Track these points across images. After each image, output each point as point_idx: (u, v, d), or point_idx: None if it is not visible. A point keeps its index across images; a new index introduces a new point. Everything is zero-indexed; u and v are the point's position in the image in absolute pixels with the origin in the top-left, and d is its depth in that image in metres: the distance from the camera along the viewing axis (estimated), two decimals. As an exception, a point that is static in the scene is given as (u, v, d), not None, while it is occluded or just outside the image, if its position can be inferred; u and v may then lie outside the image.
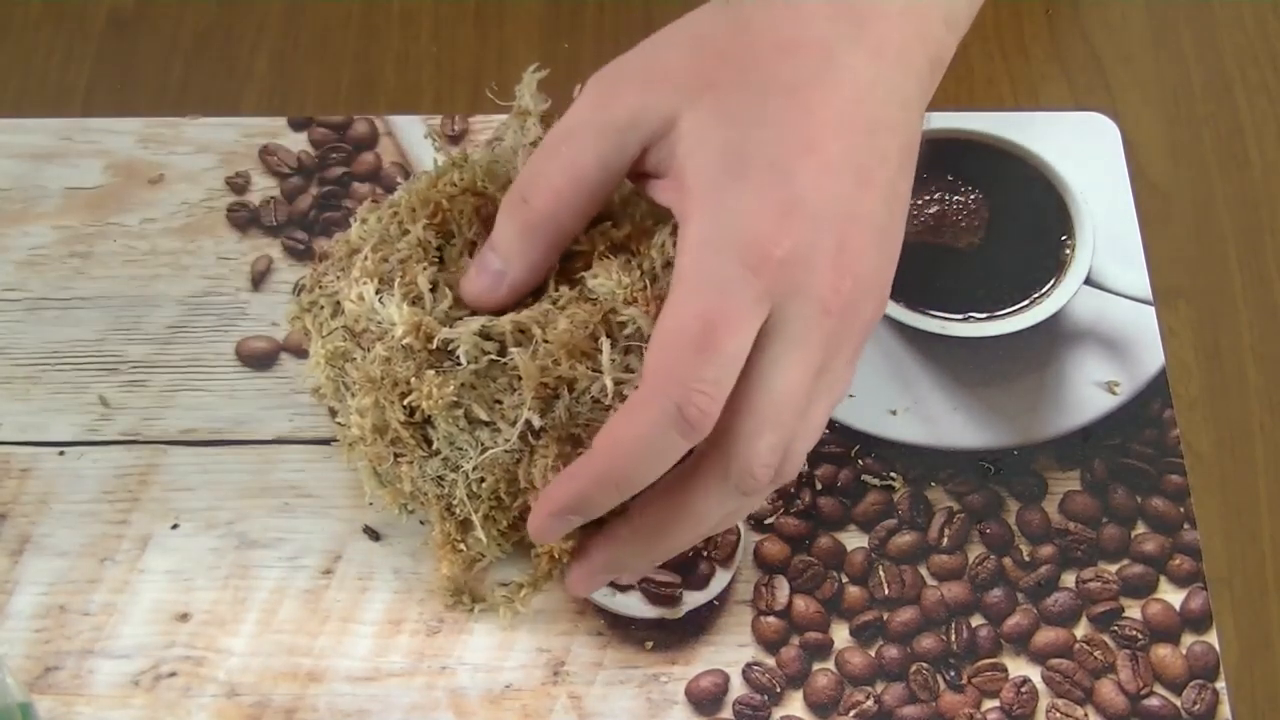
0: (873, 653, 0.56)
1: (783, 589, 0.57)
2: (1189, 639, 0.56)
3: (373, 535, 0.58)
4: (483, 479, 0.50)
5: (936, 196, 0.63)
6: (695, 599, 0.57)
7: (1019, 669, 0.56)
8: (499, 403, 0.49)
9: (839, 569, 0.58)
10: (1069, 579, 0.57)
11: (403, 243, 0.51)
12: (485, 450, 0.49)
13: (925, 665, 0.56)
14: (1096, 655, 0.56)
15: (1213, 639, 0.56)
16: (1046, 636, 0.56)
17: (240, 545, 0.58)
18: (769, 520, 0.58)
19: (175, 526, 0.58)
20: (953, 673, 0.56)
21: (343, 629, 0.56)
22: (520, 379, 0.48)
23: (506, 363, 0.49)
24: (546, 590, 0.56)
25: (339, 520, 0.58)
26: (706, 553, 0.57)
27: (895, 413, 0.61)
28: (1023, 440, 0.60)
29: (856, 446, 0.60)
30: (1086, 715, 0.55)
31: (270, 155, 0.67)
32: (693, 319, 0.44)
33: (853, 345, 0.47)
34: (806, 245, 0.45)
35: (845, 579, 0.58)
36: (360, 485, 0.55)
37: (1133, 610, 0.57)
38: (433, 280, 0.50)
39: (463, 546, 0.53)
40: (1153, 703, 0.55)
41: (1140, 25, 0.72)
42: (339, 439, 0.56)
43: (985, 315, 0.61)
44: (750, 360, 0.45)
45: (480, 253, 0.49)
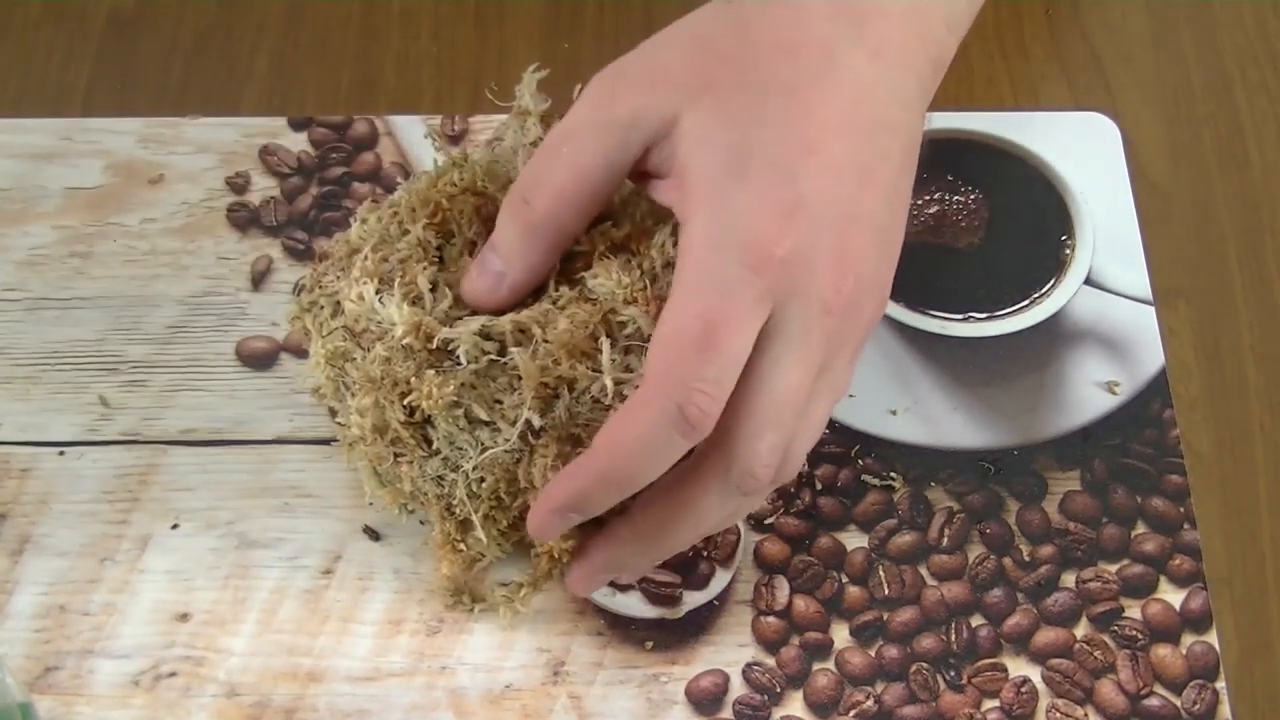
0: (873, 653, 0.56)
1: (783, 589, 0.57)
2: (1189, 639, 0.56)
3: (373, 535, 0.58)
4: (483, 479, 0.51)
5: (936, 196, 0.63)
6: (695, 599, 0.57)
7: (1019, 669, 0.56)
8: (499, 402, 0.49)
9: (839, 569, 0.58)
10: (1069, 579, 0.57)
11: (403, 243, 0.51)
12: (485, 450, 0.49)
13: (925, 665, 0.56)
14: (1096, 655, 0.56)
15: (1213, 639, 0.56)
16: (1046, 636, 0.56)
17: (240, 545, 0.58)
18: (769, 520, 0.58)
19: (175, 526, 0.58)
20: (953, 673, 0.56)
21: (343, 629, 0.56)
22: (520, 379, 0.48)
23: (506, 363, 0.49)
24: (546, 590, 0.56)
25: (339, 520, 0.58)
26: (706, 553, 0.57)
27: (895, 413, 0.61)
28: (1023, 440, 0.60)
29: (856, 446, 0.60)
30: (1086, 715, 0.55)
31: (270, 155, 0.67)
32: (694, 319, 0.44)
33: (853, 345, 0.47)
34: (808, 245, 0.45)
35: (845, 579, 0.58)
36: (360, 485, 0.55)
37: (1133, 610, 0.57)
38: (433, 280, 0.50)
39: (463, 546, 0.53)
40: (1153, 703, 0.55)
41: (1140, 25, 0.72)
42: (339, 439, 0.56)
43: (985, 315, 0.61)
44: (751, 360, 0.45)
45: (481, 253, 0.49)
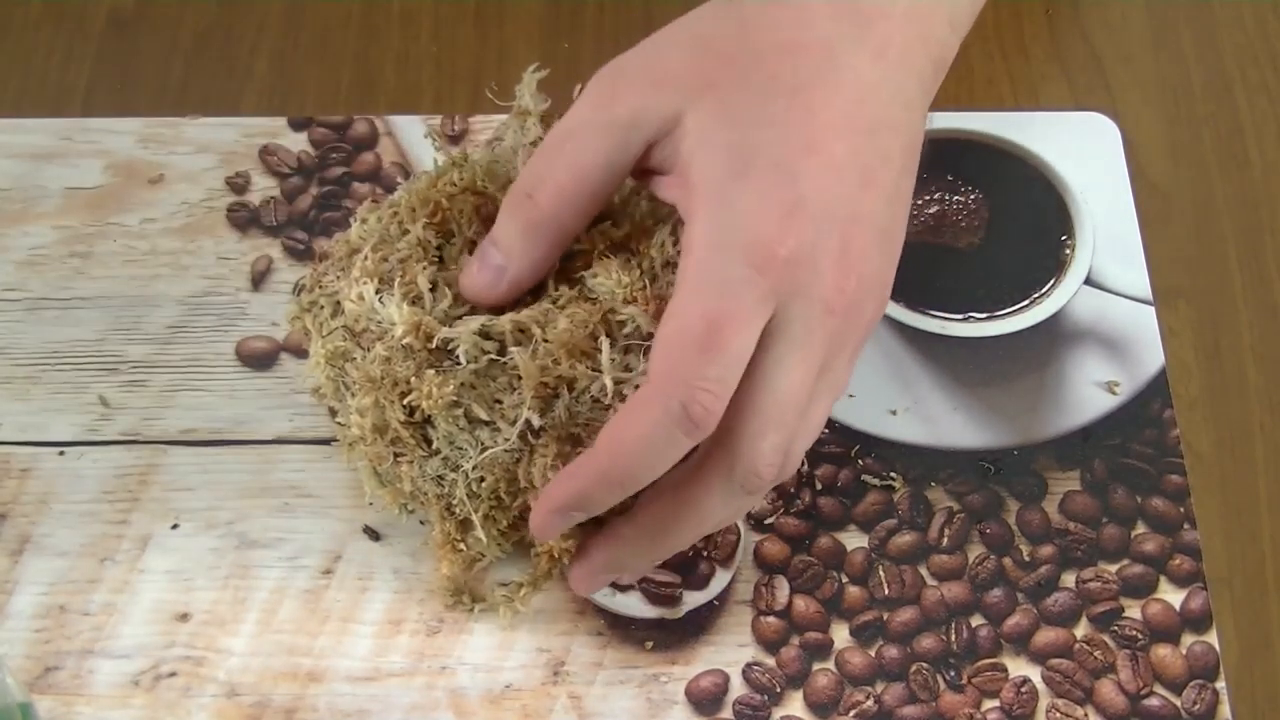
0: (873, 653, 0.56)
1: (783, 589, 0.57)
2: (1189, 639, 0.56)
3: (373, 535, 0.58)
4: (483, 478, 0.51)
5: (936, 196, 0.63)
6: (695, 599, 0.57)
7: (1019, 669, 0.56)
8: (499, 402, 0.49)
9: (839, 569, 0.58)
10: (1069, 579, 0.57)
11: (403, 242, 0.51)
12: (485, 450, 0.49)
13: (925, 665, 0.56)
14: (1096, 655, 0.56)
15: (1213, 639, 0.56)
16: (1046, 636, 0.56)
17: (240, 545, 0.58)
18: (769, 520, 0.58)
19: (175, 526, 0.58)
20: (953, 673, 0.56)
21: (343, 629, 0.56)
22: (520, 378, 0.48)
23: (506, 362, 0.49)
24: (546, 590, 0.56)
25: (339, 520, 0.58)
26: (706, 553, 0.57)
27: (895, 413, 0.61)
28: (1023, 440, 0.60)
29: (856, 446, 0.60)
30: (1086, 715, 0.55)
31: (270, 155, 0.67)
32: (697, 318, 0.44)
33: (854, 345, 0.47)
34: (811, 245, 0.45)
35: (845, 579, 0.58)
36: (360, 485, 0.55)
37: (1133, 610, 0.57)
38: (432, 280, 0.50)
39: (463, 546, 0.53)
40: (1153, 703, 0.55)
41: (1140, 25, 0.72)
42: (339, 439, 0.56)
43: (985, 315, 0.61)
44: (754, 360, 0.45)
45: (481, 248, 0.49)
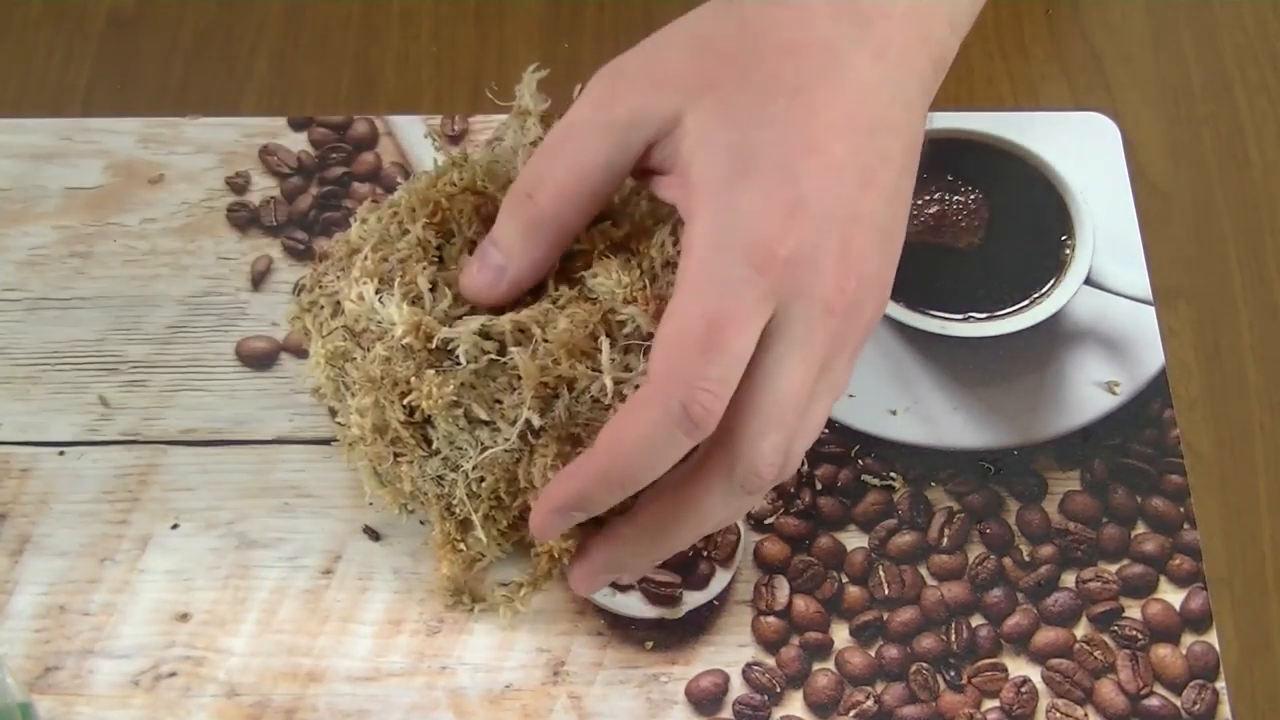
0: (873, 653, 0.56)
1: (783, 589, 0.57)
2: (1189, 639, 0.56)
3: (373, 535, 0.58)
4: (482, 478, 0.51)
5: (936, 196, 0.63)
6: (695, 599, 0.57)
7: (1019, 669, 0.56)
8: (499, 402, 0.49)
9: (839, 569, 0.58)
10: (1069, 579, 0.57)
11: (403, 242, 0.51)
12: (485, 450, 0.49)
13: (925, 665, 0.56)
14: (1096, 655, 0.56)
15: (1213, 639, 0.56)
16: (1046, 636, 0.56)
17: (240, 545, 0.58)
18: (769, 520, 0.58)
19: (175, 526, 0.58)
20: (953, 673, 0.56)
21: (343, 629, 0.56)
22: (520, 378, 0.48)
23: (506, 362, 0.49)
24: (546, 590, 0.56)
25: (339, 520, 0.58)
26: (706, 553, 0.57)
27: (895, 413, 0.61)
28: (1023, 440, 0.60)
29: (856, 446, 0.60)
30: (1086, 715, 0.55)
31: (270, 155, 0.67)
32: (698, 318, 0.44)
33: (854, 345, 0.47)
34: (811, 246, 0.45)
35: (845, 579, 0.58)
36: (360, 485, 0.55)
37: (1133, 610, 0.57)
38: (432, 280, 0.50)
39: (463, 546, 0.53)
40: (1153, 703, 0.55)
41: (1140, 25, 0.72)
42: (339, 439, 0.56)
43: (985, 315, 0.61)
44: (754, 360, 0.45)
45: (481, 248, 0.49)
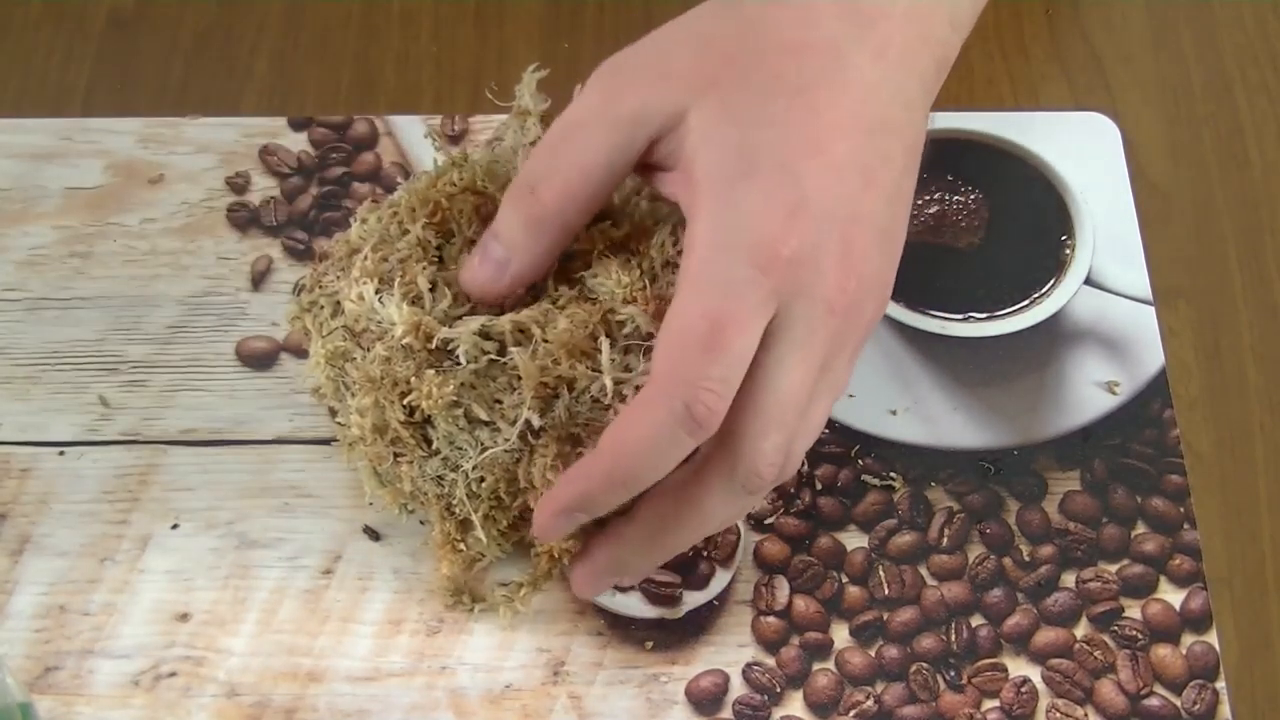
0: (873, 653, 0.56)
1: (783, 589, 0.57)
2: (1189, 639, 0.56)
3: (373, 535, 0.58)
4: (482, 479, 0.51)
5: (936, 196, 0.63)
6: (695, 599, 0.57)
7: (1019, 669, 0.56)
8: (499, 402, 0.49)
9: (839, 569, 0.58)
10: (1069, 579, 0.57)
11: (402, 242, 0.51)
12: (485, 450, 0.49)
13: (925, 665, 0.56)
14: (1096, 655, 0.56)
15: (1213, 639, 0.56)
16: (1046, 636, 0.56)
17: (240, 545, 0.58)
18: (769, 520, 0.58)
19: (175, 526, 0.58)
20: (953, 673, 0.56)
21: (343, 629, 0.56)
22: (520, 379, 0.48)
23: (506, 362, 0.49)
24: (546, 590, 0.56)
25: (339, 520, 0.58)
26: (706, 553, 0.57)
27: (895, 413, 0.61)
28: (1023, 440, 0.60)
29: (856, 446, 0.60)
30: (1086, 715, 0.55)
31: (270, 155, 0.67)
32: (700, 318, 0.44)
33: (854, 345, 0.47)
34: (813, 246, 0.45)
35: (845, 579, 0.58)
36: (360, 485, 0.55)
37: (1133, 610, 0.57)
38: (432, 280, 0.50)
39: (463, 546, 0.53)
40: (1153, 703, 0.55)
41: (1140, 25, 0.72)
42: (339, 439, 0.56)
43: (985, 315, 0.61)
44: (755, 360, 0.45)
45: (482, 242, 0.49)
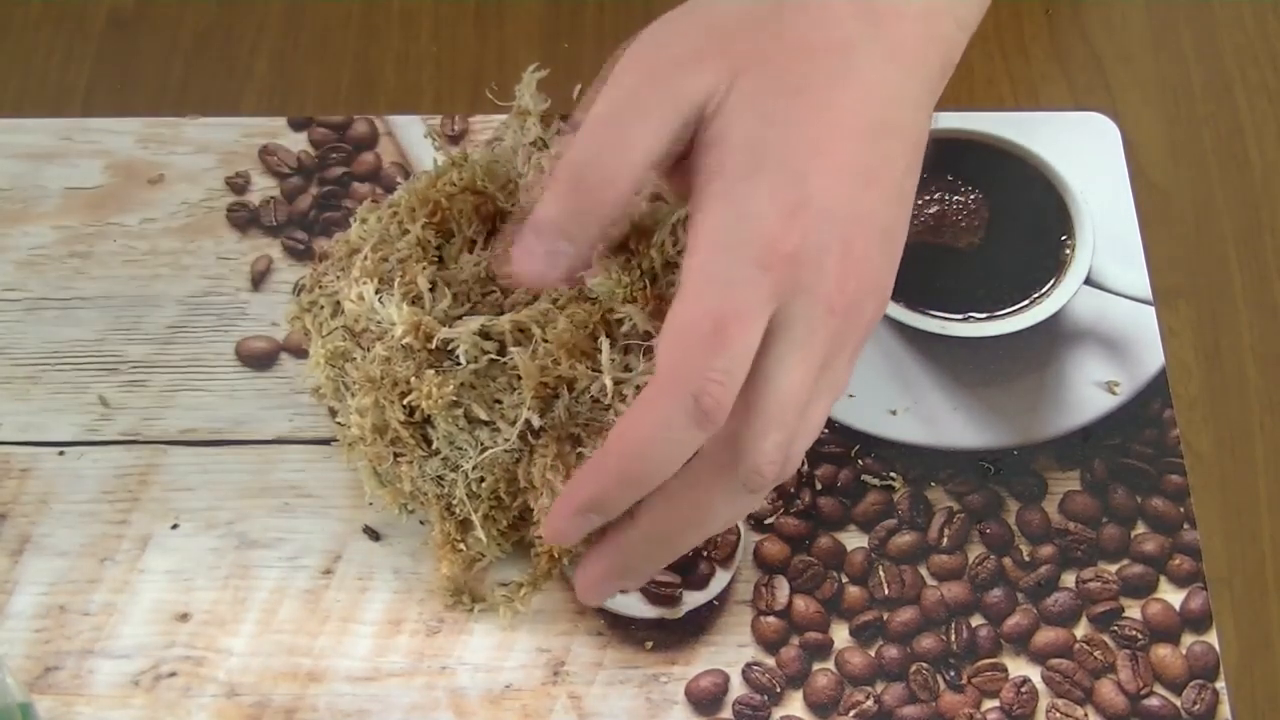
0: (873, 653, 0.56)
1: (783, 589, 0.57)
2: (1189, 639, 0.56)
3: (373, 535, 0.58)
4: (482, 478, 0.51)
5: (936, 196, 0.63)
6: (695, 599, 0.57)
7: (1019, 669, 0.56)
8: (499, 402, 0.49)
9: (839, 569, 0.58)
10: (1069, 579, 0.57)
11: (402, 242, 0.51)
12: (485, 450, 0.50)
13: (925, 665, 0.56)
14: (1096, 655, 0.56)
15: (1213, 639, 0.56)
16: (1046, 636, 0.56)
17: (240, 545, 0.58)
18: (769, 520, 0.58)
19: (175, 526, 0.58)
20: (953, 673, 0.56)
21: (343, 629, 0.56)
22: (520, 378, 0.48)
23: (506, 362, 0.49)
24: (546, 590, 0.56)
25: (339, 520, 0.58)
26: (706, 553, 0.57)
27: (895, 413, 0.61)
28: (1023, 440, 0.60)
29: (856, 446, 0.60)
30: (1086, 715, 0.55)
31: (270, 155, 0.67)
32: (704, 314, 0.44)
33: (854, 344, 0.47)
34: (814, 246, 0.45)
35: (845, 579, 0.58)
36: (360, 485, 0.55)
37: (1133, 610, 0.57)
38: (432, 280, 0.50)
39: (463, 546, 0.53)
40: (1153, 703, 0.55)
41: (1140, 25, 0.72)
42: (339, 439, 0.56)
43: (985, 315, 0.61)
44: (756, 358, 0.45)
45: (532, 228, 0.46)
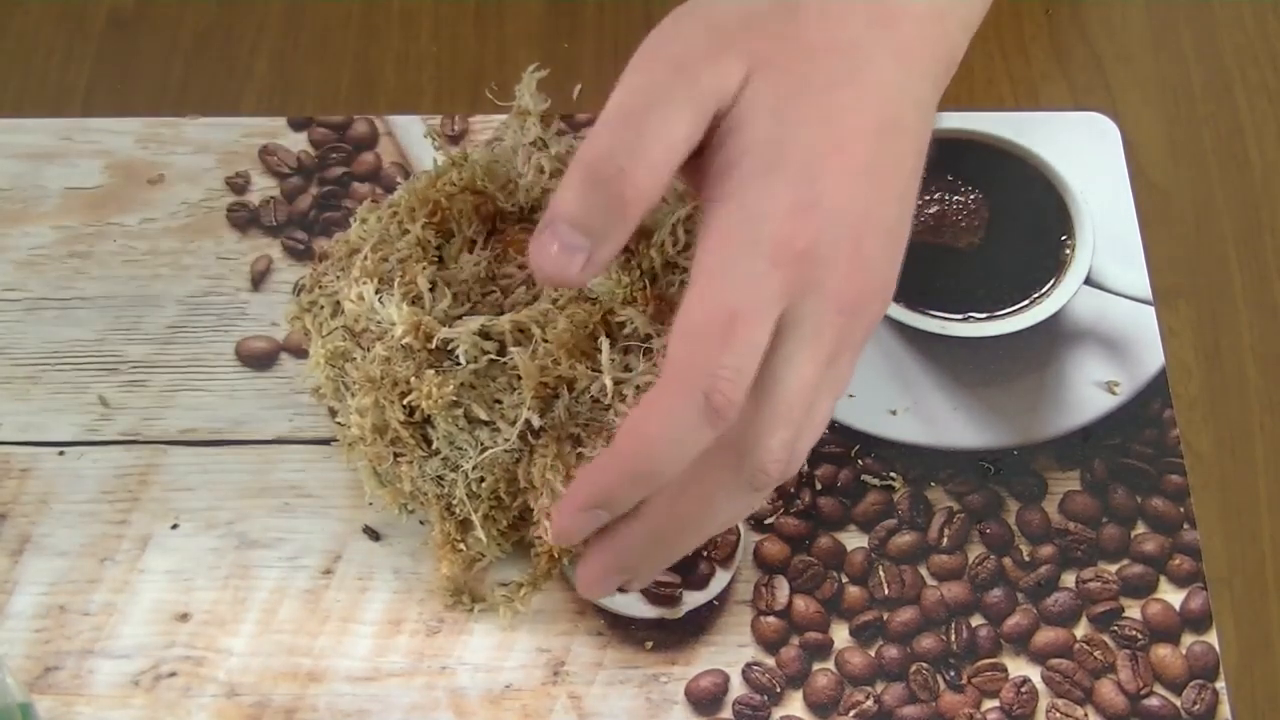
0: (873, 653, 0.56)
1: (783, 589, 0.57)
2: (1189, 639, 0.56)
3: (373, 535, 0.58)
4: (482, 478, 0.51)
5: (936, 196, 0.63)
6: (695, 599, 0.57)
7: (1019, 669, 0.56)
8: (499, 402, 0.49)
9: (839, 569, 0.58)
10: (1069, 579, 0.57)
11: (402, 242, 0.51)
12: (485, 450, 0.50)
13: (925, 665, 0.56)
14: (1096, 655, 0.56)
15: (1213, 639, 0.56)
16: (1046, 636, 0.56)
17: (240, 545, 0.58)
18: (769, 520, 0.58)
19: (175, 526, 0.58)
20: (953, 673, 0.56)
21: (343, 629, 0.56)
22: (520, 378, 0.48)
23: (506, 362, 0.49)
24: (546, 590, 0.56)
25: (339, 520, 0.58)
26: (706, 553, 0.57)
27: (895, 413, 0.61)
28: (1023, 440, 0.60)
29: (856, 446, 0.60)
30: (1086, 715, 0.55)
31: (270, 155, 0.67)
32: (715, 311, 0.44)
33: (859, 343, 0.47)
34: (826, 244, 0.45)
35: (845, 579, 0.58)
36: (360, 485, 0.55)
37: (1133, 610, 0.57)
38: (432, 280, 0.50)
39: (463, 546, 0.54)
40: (1153, 703, 0.55)
41: (1140, 25, 0.72)
42: (339, 439, 0.56)
43: (985, 315, 0.61)
44: (764, 356, 0.45)
45: (553, 225, 0.45)
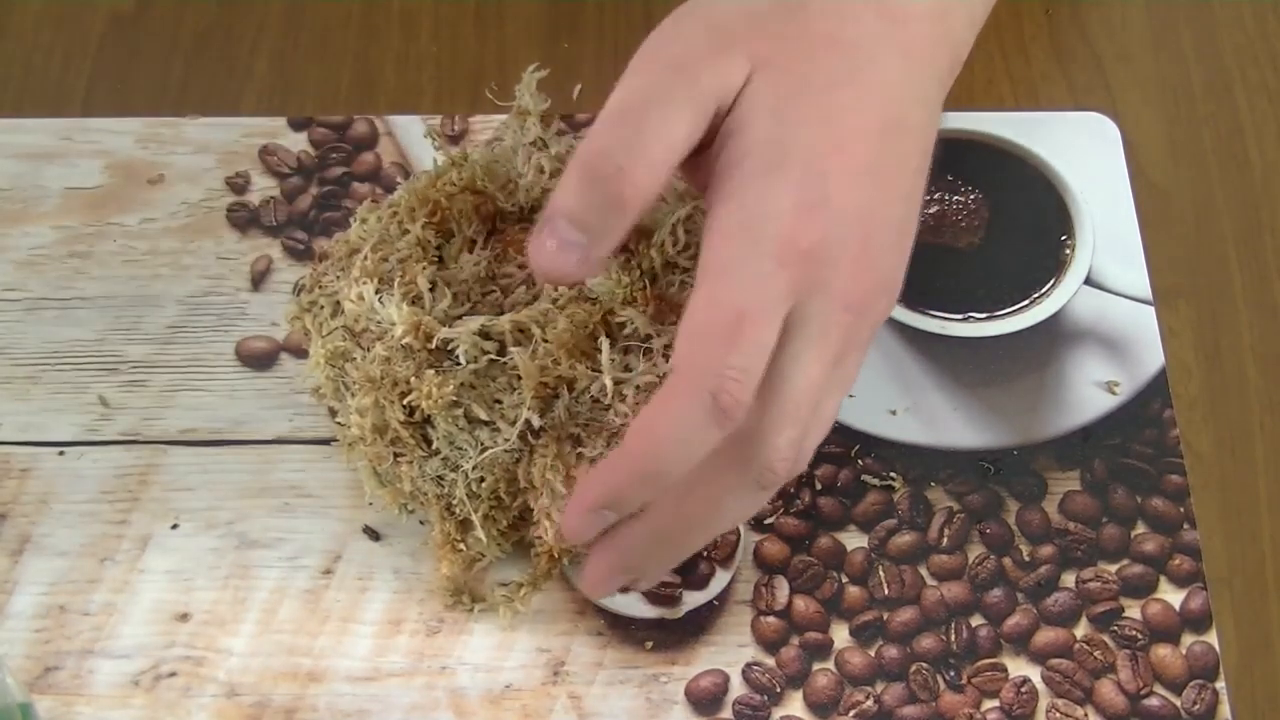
0: (873, 653, 0.56)
1: (783, 589, 0.57)
2: (1189, 639, 0.56)
3: (373, 535, 0.58)
4: (482, 478, 0.51)
5: (936, 196, 0.63)
6: (695, 599, 0.57)
7: (1019, 669, 0.56)
8: (499, 402, 0.49)
9: (839, 569, 0.58)
10: (1069, 579, 0.57)
11: (402, 242, 0.51)
12: (485, 450, 0.50)
13: (925, 665, 0.56)
14: (1096, 655, 0.56)
15: (1213, 639, 0.56)
16: (1046, 636, 0.56)
17: (240, 545, 0.58)
18: (769, 520, 0.58)
19: (175, 526, 0.58)
20: (953, 673, 0.56)
21: (343, 629, 0.56)
22: (520, 378, 0.48)
23: (506, 362, 0.49)
24: (546, 590, 0.56)
25: (339, 520, 0.58)
26: (706, 553, 0.57)
27: (895, 413, 0.61)
28: (1023, 440, 0.60)
29: (856, 446, 0.60)
30: (1086, 715, 0.55)
31: (270, 155, 0.67)
32: (722, 310, 0.44)
33: (865, 342, 0.48)
34: (832, 243, 0.45)
35: (845, 579, 0.58)
36: (360, 485, 0.55)
37: (1133, 610, 0.57)
38: (432, 280, 0.50)
39: (463, 546, 0.54)
40: (1153, 703, 0.55)
41: (1140, 25, 0.72)
42: (339, 439, 0.56)
43: (985, 315, 0.61)
44: (772, 355, 0.45)
45: (551, 223, 0.45)
